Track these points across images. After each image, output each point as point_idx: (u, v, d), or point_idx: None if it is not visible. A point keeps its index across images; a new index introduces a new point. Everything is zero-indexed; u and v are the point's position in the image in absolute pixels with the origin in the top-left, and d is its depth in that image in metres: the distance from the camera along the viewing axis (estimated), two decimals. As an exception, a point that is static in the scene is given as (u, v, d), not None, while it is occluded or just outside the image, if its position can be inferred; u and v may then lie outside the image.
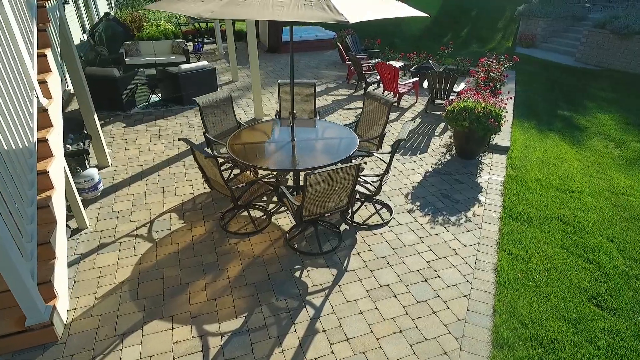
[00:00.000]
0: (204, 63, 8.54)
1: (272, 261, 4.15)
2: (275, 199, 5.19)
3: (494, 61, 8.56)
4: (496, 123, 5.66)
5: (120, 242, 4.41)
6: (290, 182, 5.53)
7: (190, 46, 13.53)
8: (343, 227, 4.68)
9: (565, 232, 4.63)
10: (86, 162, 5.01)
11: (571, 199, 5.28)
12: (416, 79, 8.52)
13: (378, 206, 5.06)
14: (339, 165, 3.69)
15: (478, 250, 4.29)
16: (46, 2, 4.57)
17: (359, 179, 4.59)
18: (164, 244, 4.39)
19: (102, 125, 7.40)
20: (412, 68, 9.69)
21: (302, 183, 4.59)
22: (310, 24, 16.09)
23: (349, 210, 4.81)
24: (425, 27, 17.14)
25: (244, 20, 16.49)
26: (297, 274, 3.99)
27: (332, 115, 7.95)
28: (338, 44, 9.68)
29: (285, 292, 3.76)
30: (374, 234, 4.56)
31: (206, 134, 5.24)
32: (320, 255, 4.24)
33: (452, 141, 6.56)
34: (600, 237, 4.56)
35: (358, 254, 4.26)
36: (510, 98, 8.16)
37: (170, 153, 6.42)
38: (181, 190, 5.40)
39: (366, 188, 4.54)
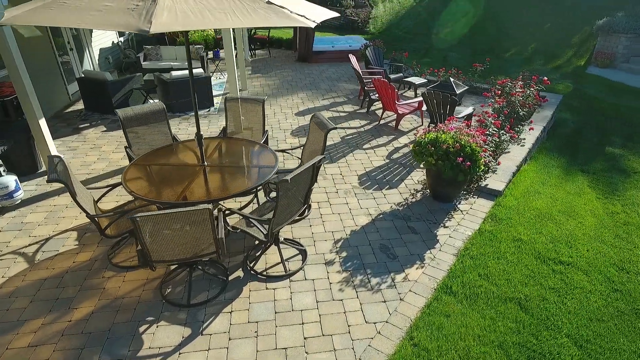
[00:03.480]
0: (197, 71, 8.24)
1: (129, 306, 3.54)
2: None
3: (519, 83, 7.14)
4: (468, 163, 4.49)
5: (0, 260, 4.10)
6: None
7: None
8: (238, 273, 3.92)
9: (518, 323, 3.41)
10: (2, 169, 4.83)
11: (551, 274, 3.97)
12: (420, 98, 7.39)
13: (294, 251, 4.22)
14: (180, 209, 2.97)
15: (379, 332, 3.28)
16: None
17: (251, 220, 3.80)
18: (39, 268, 3.99)
19: (84, 128, 7.39)
20: (419, 84, 8.47)
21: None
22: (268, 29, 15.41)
23: (261, 254, 4.04)
24: (487, 41, 15.48)
25: (280, 28, 16.25)
26: (143, 328, 3.33)
27: (316, 135, 7.15)
28: (350, 55, 8.86)
29: (112, 352, 3.12)
30: (267, 289, 3.74)
31: (127, 149, 4.81)
32: (185, 307, 3.53)
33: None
34: (565, 339, 3.28)
35: (231, 312, 3.48)
36: (532, 129, 6.70)
37: (124, 163, 6.13)
38: (104, 205, 5.01)
39: (257, 231, 3.74)
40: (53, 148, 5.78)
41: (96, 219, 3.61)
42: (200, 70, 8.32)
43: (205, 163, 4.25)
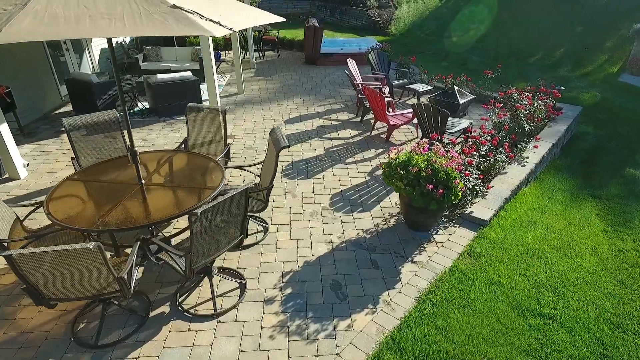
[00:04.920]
0: (186, 74, 7.92)
1: (33, 343, 3.18)
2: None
3: (527, 94, 6.39)
4: (440, 191, 3.88)
5: None
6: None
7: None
8: (164, 308, 3.50)
9: (471, 394, 2.81)
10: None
11: (527, 331, 3.32)
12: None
13: (233, 284, 3.75)
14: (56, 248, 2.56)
15: (298, 397, 2.77)
16: None
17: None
18: (-41, 290, 3.70)
19: (63, 131, 7.20)
20: (423, 92, 7.78)
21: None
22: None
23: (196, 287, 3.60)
24: (512, 44, 14.50)
25: (288, 28, 15.80)
26: (38, 373, 2.95)
27: (299, 145, 6.66)
28: (349, 59, 8.31)
29: (-7, 401, 2.75)
30: (189, 330, 3.30)
31: (74, 161, 4.50)
32: (91, 349, 3.14)
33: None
34: (526, 422, 2.65)
35: (137, 359, 3.06)
36: (537, 147, 5.95)
37: (91, 171, 5.83)
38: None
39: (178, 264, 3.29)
40: (16, 153, 5.56)
41: (6, 243, 3.27)
42: (189, 73, 7.99)
43: (143, 182, 3.84)
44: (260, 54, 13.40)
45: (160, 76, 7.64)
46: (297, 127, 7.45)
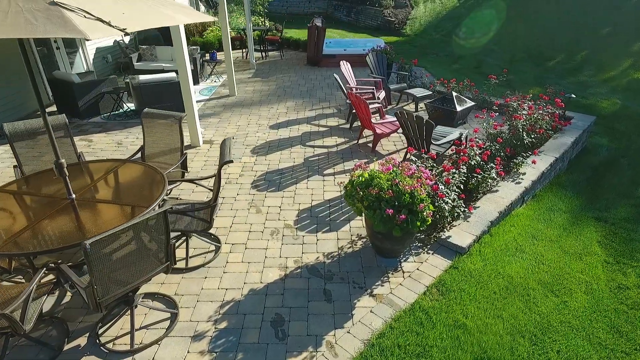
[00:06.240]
0: (170, 75, 7.60)
1: None
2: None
3: (529, 102, 5.78)
4: (402, 216, 3.38)
5: None
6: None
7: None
8: (81, 341, 3.14)
9: None
10: None
11: (489, 390, 2.80)
12: (403, 117, 6.22)
13: (163, 314, 3.36)
14: None
15: None
16: None
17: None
18: None
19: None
20: (421, 97, 7.20)
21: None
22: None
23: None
24: (530, 46, 13.70)
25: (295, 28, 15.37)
26: None
27: (278, 154, 6.24)
28: (342, 62, 7.83)
29: None
30: (99, 369, 2.92)
31: (17, 169, 4.21)
32: (-15, 388, 2.79)
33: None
34: None
35: (34, 402, 2.69)
36: (535, 162, 5.34)
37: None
38: None
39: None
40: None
41: None
42: (173, 74, 7.67)
43: (74, 196, 3.50)
44: (263, 54, 13.05)
45: (142, 77, 7.35)
46: (281, 132, 7.03)
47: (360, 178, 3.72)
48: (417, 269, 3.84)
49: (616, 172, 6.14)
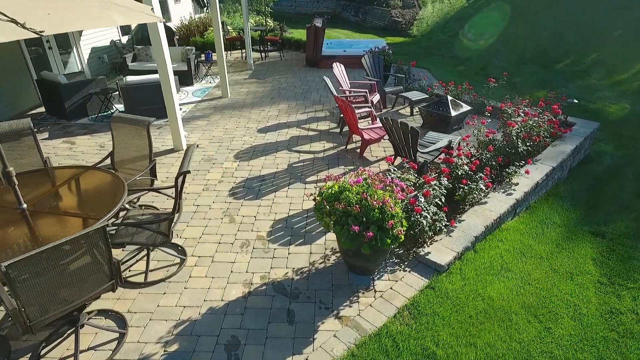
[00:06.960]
0: (157, 76, 7.42)
1: None
2: None
3: (525, 109, 5.46)
4: (369, 234, 3.12)
5: None
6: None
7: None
8: (22, 361, 2.95)
9: None
10: None
11: None
12: (392, 122, 5.95)
13: (111, 334, 3.15)
14: None
15: None
16: None
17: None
18: None
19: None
20: (416, 100, 6.88)
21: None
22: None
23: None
24: (539, 47, 13.26)
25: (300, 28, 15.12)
26: None
27: (262, 159, 6.01)
28: (335, 64, 7.57)
29: None
30: (36, 395, 2.72)
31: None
32: None
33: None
34: None
35: None
36: (528, 172, 5.02)
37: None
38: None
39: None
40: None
41: None
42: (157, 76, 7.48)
43: (25, 206, 3.31)
44: (263, 55, 12.86)
45: (130, 78, 7.20)
46: (268, 137, 6.80)
47: (330, 190, 3.47)
48: (391, 288, 3.58)
49: (619, 182, 5.79)
